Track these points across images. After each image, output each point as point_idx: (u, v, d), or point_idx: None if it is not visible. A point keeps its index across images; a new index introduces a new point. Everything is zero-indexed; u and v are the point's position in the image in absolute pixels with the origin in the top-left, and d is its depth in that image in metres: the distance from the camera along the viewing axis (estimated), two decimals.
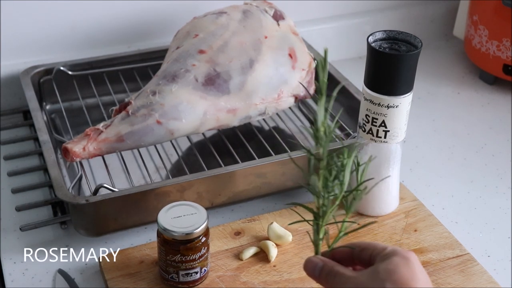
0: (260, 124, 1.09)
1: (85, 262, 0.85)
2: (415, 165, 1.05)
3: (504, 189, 1.00)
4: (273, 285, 0.80)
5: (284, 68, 0.98)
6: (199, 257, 0.78)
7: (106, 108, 1.03)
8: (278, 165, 0.91)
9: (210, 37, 0.97)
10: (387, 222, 0.90)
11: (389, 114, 0.82)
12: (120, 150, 0.90)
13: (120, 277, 0.80)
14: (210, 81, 0.93)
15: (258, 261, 0.83)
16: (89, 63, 1.11)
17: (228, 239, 0.86)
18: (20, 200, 0.93)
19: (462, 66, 1.34)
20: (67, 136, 1.03)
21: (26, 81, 1.05)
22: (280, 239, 0.85)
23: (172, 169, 1.01)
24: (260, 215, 0.91)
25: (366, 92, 0.83)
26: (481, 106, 1.22)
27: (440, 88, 1.27)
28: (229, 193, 0.90)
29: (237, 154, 0.95)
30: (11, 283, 0.82)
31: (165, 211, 0.78)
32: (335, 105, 1.10)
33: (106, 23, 1.17)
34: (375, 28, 1.26)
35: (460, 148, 1.10)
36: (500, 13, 1.18)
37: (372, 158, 0.80)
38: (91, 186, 0.88)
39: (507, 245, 0.90)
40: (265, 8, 1.04)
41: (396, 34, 0.83)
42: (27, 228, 0.88)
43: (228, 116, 0.94)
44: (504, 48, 1.20)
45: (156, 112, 0.89)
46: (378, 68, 0.81)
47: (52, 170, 0.87)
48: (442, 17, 1.41)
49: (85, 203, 0.82)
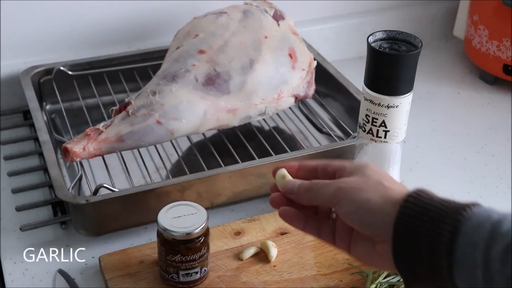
0: (260, 124, 1.09)
1: (85, 262, 0.85)
2: (415, 165, 1.05)
3: (504, 189, 1.00)
4: (273, 285, 0.80)
5: (284, 68, 0.97)
6: (199, 257, 0.78)
7: (106, 108, 1.03)
8: (278, 165, 0.90)
9: (210, 37, 0.97)
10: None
11: (389, 114, 0.82)
12: (120, 150, 0.90)
13: (120, 277, 0.80)
14: (210, 81, 0.93)
15: (258, 261, 0.83)
16: (89, 63, 1.11)
17: (228, 239, 0.86)
18: (20, 200, 0.93)
19: (462, 66, 1.34)
20: (67, 136, 1.03)
21: (26, 81, 1.05)
22: None
23: (172, 169, 1.01)
24: (260, 215, 0.90)
25: (366, 92, 0.83)
26: (481, 106, 1.22)
27: (440, 88, 1.27)
28: (229, 193, 0.90)
29: (237, 154, 0.95)
30: (11, 283, 0.82)
31: (165, 211, 0.78)
32: (335, 105, 1.11)
33: (106, 23, 1.17)
34: (375, 28, 1.25)
35: (460, 148, 1.10)
36: (500, 13, 1.18)
37: None
38: (91, 186, 0.88)
39: None
40: (265, 8, 1.04)
41: (396, 34, 0.83)
42: (27, 228, 0.88)
43: (228, 116, 0.94)
44: (504, 48, 1.20)
45: (156, 112, 0.89)
46: (378, 68, 0.81)
47: (52, 170, 0.87)
48: (442, 17, 1.41)
49: (85, 203, 0.82)
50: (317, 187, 0.66)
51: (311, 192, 0.66)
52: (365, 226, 0.62)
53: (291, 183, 0.69)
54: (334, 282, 0.81)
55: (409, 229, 0.58)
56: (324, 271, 0.82)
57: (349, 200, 0.62)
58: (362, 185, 0.63)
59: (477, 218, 0.55)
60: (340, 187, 0.64)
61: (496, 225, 0.54)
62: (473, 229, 0.55)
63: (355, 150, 0.89)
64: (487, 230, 0.54)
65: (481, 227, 0.54)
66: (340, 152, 0.94)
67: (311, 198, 0.67)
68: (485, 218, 0.55)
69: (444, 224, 0.56)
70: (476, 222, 0.55)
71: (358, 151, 0.88)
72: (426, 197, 0.59)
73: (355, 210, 0.62)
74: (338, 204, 0.63)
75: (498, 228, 0.54)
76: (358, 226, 0.62)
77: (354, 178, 0.65)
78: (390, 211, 0.59)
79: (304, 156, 0.92)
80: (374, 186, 0.63)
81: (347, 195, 0.63)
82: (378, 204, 0.61)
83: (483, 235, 0.54)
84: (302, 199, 0.68)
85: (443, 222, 0.56)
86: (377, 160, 0.87)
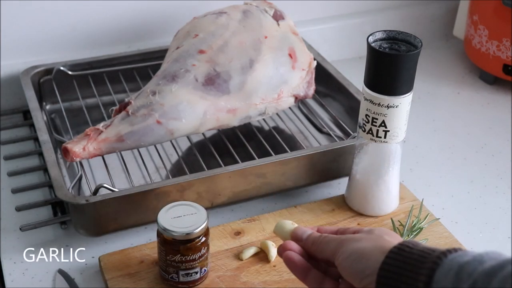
0: (260, 124, 1.09)
1: (85, 262, 0.85)
2: (415, 165, 1.05)
3: (504, 189, 1.00)
4: (273, 285, 0.80)
5: (284, 68, 0.97)
6: (199, 257, 0.78)
7: (106, 108, 1.03)
8: (278, 165, 0.91)
9: (210, 37, 0.97)
10: (387, 222, 0.90)
11: (389, 114, 0.82)
12: (120, 150, 0.90)
13: (120, 277, 0.80)
14: (210, 81, 0.93)
15: (258, 261, 0.83)
16: (89, 63, 1.11)
17: (228, 239, 0.86)
18: (20, 200, 0.93)
19: (462, 66, 1.34)
20: (67, 136, 1.03)
21: (26, 81, 1.05)
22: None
23: (172, 169, 1.01)
24: (260, 215, 0.90)
25: (366, 92, 0.83)
26: (481, 106, 1.22)
27: (440, 88, 1.27)
28: (229, 193, 0.90)
29: (237, 154, 0.95)
30: (11, 283, 0.82)
31: (165, 211, 0.78)
32: (335, 105, 1.11)
33: (106, 23, 1.17)
34: (375, 28, 1.26)
35: (460, 148, 1.10)
36: (500, 13, 1.18)
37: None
38: (91, 186, 0.88)
39: (507, 245, 0.90)
40: (265, 8, 1.04)
41: (396, 34, 0.83)
42: (27, 228, 0.88)
43: (228, 116, 0.94)
44: (504, 48, 1.20)
45: (156, 112, 0.89)
46: (378, 68, 0.81)
47: (52, 170, 0.87)
48: (442, 17, 1.41)
49: (85, 203, 0.82)
50: (324, 240, 0.69)
51: (318, 245, 0.69)
52: (355, 273, 0.63)
53: (302, 230, 0.72)
54: None
55: (391, 279, 0.60)
56: None
57: (346, 250, 0.65)
58: (361, 238, 0.66)
59: (449, 264, 0.57)
60: (342, 240, 0.67)
61: (463, 267, 0.55)
62: (443, 275, 0.56)
63: (355, 150, 0.89)
64: (454, 273, 0.55)
65: (450, 271, 0.56)
66: (340, 152, 0.94)
67: (318, 250, 0.69)
68: (455, 262, 0.56)
69: (420, 275, 0.57)
70: (447, 267, 0.56)
71: (358, 151, 0.88)
72: (408, 248, 0.61)
73: (348, 257, 0.65)
74: (337, 254, 0.66)
75: (464, 270, 0.55)
76: (349, 274, 0.64)
77: (359, 234, 0.68)
78: (379, 259, 0.61)
79: (304, 156, 0.92)
80: (373, 238, 0.66)
81: (345, 246, 0.66)
82: (369, 251, 0.63)
83: (451, 279, 0.55)
84: (308, 249, 0.70)
85: (418, 273, 0.58)
86: (377, 160, 0.87)
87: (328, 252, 0.67)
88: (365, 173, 0.88)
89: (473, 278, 0.54)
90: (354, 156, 0.89)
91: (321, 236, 0.70)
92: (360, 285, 0.63)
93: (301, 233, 0.72)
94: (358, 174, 0.89)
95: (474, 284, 0.53)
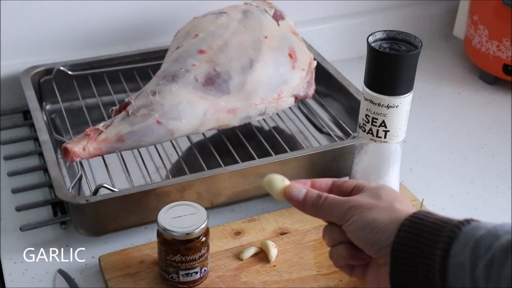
0: (260, 124, 1.09)
1: (85, 262, 0.85)
2: (415, 165, 1.05)
3: (504, 189, 1.00)
4: (273, 285, 0.80)
5: (284, 68, 0.97)
6: (199, 257, 0.78)
7: (106, 108, 1.03)
8: (278, 165, 0.91)
9: (210, 37, 0.97)
10: None
11: (389, 114, 0.82)
12: (120, 150, 0.90)
13: (120, 277, 0.80)
14: (210, 81, 0.93)
15: (258, 261, 0.83)
16: (89, 63, 1.11)
17: (228, 239, 0.86)
18: (20, 200, 0.93)
19: (462, 66, 1.34)
20: (67, 136, 1.03)
21: (26, 81, 1.05)
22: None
23: (172, 169, 1.01)
24: (260, 215, 0.90)
25: (366, 92, 0.83)
26: (481, 106, 1.22)
27: (440, 88, 1.27)
28: (229, 193, 0.90)
29: (237, 154, 0.95)
30: (11, 283, 0.82)
31: (165, 211, 0.78)
32: (335, 105, 1.11)
33: (106, 23, 1.17)
34: (375, 28, 1.26)
35: (460, 148, 1.10)
36: (500, 13, 1.18)
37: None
38: (91, 186, 0.88)
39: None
40: (265, 8, 1.04)
41: (396, 34, 0.83)
42: (27, 228, 0.88)
43: (228, 116, 0.94)
44: (504, 48, 1.20)
45: (156, 112, 0.89)
46: (378, 68, 0.81)
47: (52, 170, 0.87)
48: (442, 17, 1.41)
49: (85, 203, 0.82)
50: (326, 203, 0.67)
51: (320, 208, 0.67)
52: (369, 244, 0.63)
53: (297, 188, 0.69)
54: (334, 282, 0.81)
55: (405, 252, 0.59)
56: (324, 271, 0.82)
57: (357, 219, 0.64)
58: (372, 206, 0.65)
59: (464, 237, 0.56)
60: (351, 206, 0.65)
61: (479, 241, 0.55)
62: (460, 250, 0.56)
63: (355, 150, 0.89)
64: (471, 248, 0.55)
65: (467, 246, 0.55)
66: (340, 152, 0.94)
67: (320, 213, 0.67)
68: (471, 236, 0.56)
69: (436, 249, 0.57)
70: (463, 242, 0.56)
71: (358, 151, 0.88)
72: (420, 220, 0.60)
73: (362, 228, 0.63)
74: (348, 222, 0.65)
75: (481, 244, 0.54)
76: (363, 245, 0.64)
77: (366, 198, 0.66)
78: (393, 231, 0.61)
79: (304, 156, 0.92)
80: (384, 207, 0.64)
81: (356, 214, 0.64)
82: (384, 224, 0.62)
83: (468, 254, 0.55)
84: (307, 211, 0.68)
85: (435, 247, 0.57)
86: (377, 160, 0.87)
87: (335, 218, 0.66)
88: (365, 173, 0.88)
89: (491, 253, 0.53)
90: (354, 156, 0.89)
91: (321, 197, 0.67)
92: (375, 255, 0.63)
93: (297, 192, 0.68)
94: (358, 174, 0.89)
95: (492, 260, 0.53)
